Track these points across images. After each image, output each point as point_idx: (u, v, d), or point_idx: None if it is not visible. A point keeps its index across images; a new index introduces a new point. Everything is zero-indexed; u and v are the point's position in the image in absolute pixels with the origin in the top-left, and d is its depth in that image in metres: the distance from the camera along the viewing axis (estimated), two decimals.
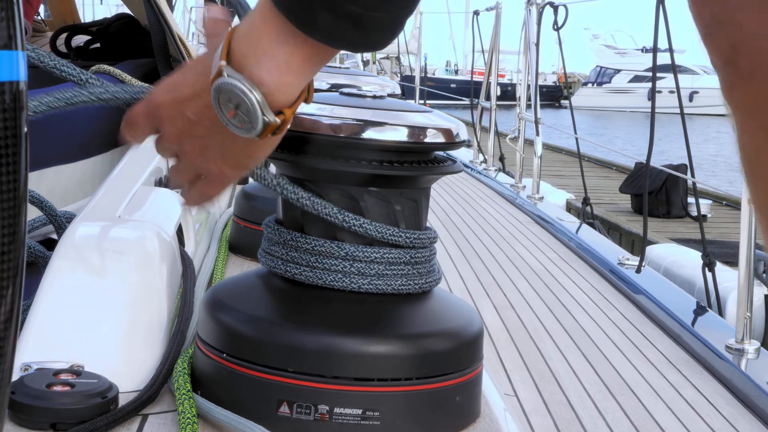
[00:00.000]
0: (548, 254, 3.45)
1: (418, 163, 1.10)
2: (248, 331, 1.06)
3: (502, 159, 6.08)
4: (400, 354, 1.05)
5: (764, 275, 4.85)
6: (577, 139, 4.77)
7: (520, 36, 4.80)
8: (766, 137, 1.10)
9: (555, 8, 4.34)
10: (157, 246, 1.32)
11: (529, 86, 4.93)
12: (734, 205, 10.03)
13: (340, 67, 1.91)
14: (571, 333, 2.50)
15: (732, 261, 4.08)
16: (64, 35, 3.50)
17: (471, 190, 4.74)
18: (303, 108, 1.09)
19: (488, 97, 5.63)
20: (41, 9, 5.37)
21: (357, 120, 1.07)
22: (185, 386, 1.09)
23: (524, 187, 4.79)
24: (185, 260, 1.44)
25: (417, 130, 1.09)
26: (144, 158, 1.85)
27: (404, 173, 1.07)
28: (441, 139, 1.11)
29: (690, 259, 4.49)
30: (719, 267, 3.47)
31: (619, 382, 2.16)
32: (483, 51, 6.00)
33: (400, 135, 1.08)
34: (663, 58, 4.08)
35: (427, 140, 1.09)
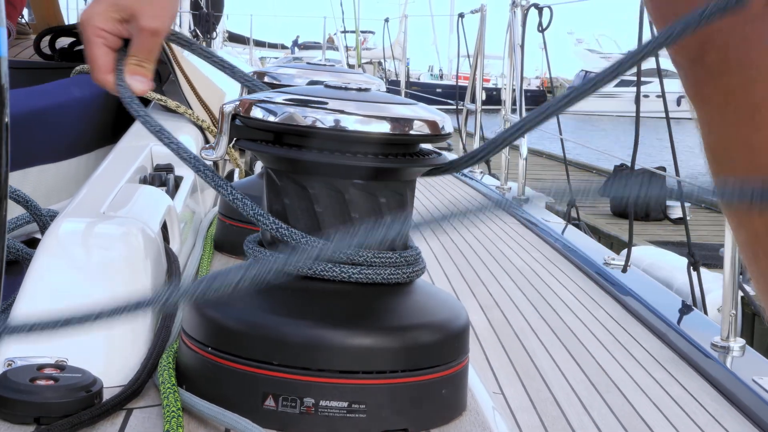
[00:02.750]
0: (533, 254, 3.45)
1: (403, 155, 1.09)
2: (233, 325, 1.06)
3: (487, 162, 6.08)
4: (386, 346, 1.05)
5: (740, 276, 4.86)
6: (562, 140, 4.78)
7: (505, 38, 4.81)
8: (736, 133, 1.08)
9: (540, 10, 4.35)
10: (141, 242, 1.32)
11: (514, 89, 4.94)
12: (713, 208, 10.08)
13: (324, 65, 1.90)
14: (556, 331, 2.50)
15: (711, 263, 4.10)
16: (48, 37, 3.49)
17: (456, 191, 4.74)
18: (287, 101, 1.09)
19: (473, 100, 5.64)
20: (25, 12, 5.35)
21: (341, 112, 1.07)
22: (170, 380, 1.08)
23: (510, 188, 4.80)
24: (170, 257, 1.44)
25: (402, 122, 1.09)
26: (129, 156, 1.85)
27: (389, 165, 1.07)
28: (426, 131, 1.11)
29: (668, 261, 4.50)
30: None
31: (605, 379, 2.16)
32: (468, 55, 6.01)
33: (385, 127, 1.08)
34: (652, 63, 4.10)
35: (411, 132, 1.09)
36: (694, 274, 3.24)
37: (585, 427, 1.88)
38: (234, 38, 23.29)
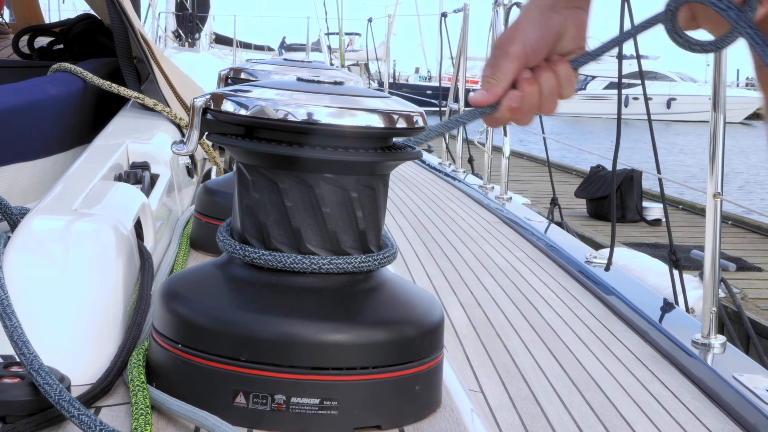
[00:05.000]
0: (516, 253, 3.45)
1: (374, 149, 1.08)
2: (202, 321, 1.05)
3: (471, 161, 6.07)
4: (357, 342, 1.04)
5: (721, 283, 4.87)
6: (545, 139, 4.77)
7: (488, 38, 4.81)
8: None
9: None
10: (113, 239, 1.30)
11: None
12: (690, 209, 10.10)
13: (303, 61, 1.89)
14: (537, 329, 2.49)
15: (686, 265, 4.09)
16: (27, 36, 3.47)
17: (439, 191, 4.73)
18: (258, 94, 1.08)
19: (456, 100, 5.63)
20: (6, 13, 5.32)
21: (312, 105, 1.05)
22: (139, 378, 1.07)
23: (492, 188, 4.79)
24: (143, 254, 1.42)
25: (374, 116, 1.07)
26: (104, 154, 1.83)
27: (359, 159, 1.06)
28: (400, 125, 1.09)
29: (641, 263, 4.50)
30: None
31: (585, 377, 2.15)
32: (451, 56, 6.00)
33: (357, 120, 1.06)
34: (644, 65, 4.09)
35: (384, 126, 1.08)
36: (676, 273, 3.24)
37: (565, 425, 1.87)
38: (221, 40, 23.20)
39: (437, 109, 6.75)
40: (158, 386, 1.08)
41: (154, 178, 1.87)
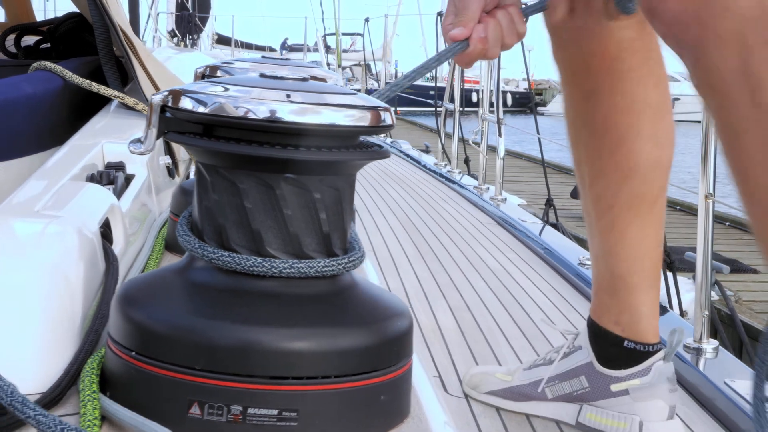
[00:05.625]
0: (508, 255, 3.40)
1: (339, 147, 1.04)
2: (156, 327, 1.00)
3: (467, 162, 6.03)
4: (318, 350, 0.99)
5: (715, 285, 4.83)
6: (539, 139, 4.72)
7: None
8: None
9: None
10: (75, 242, 1.26)
11: (491, 91, 4.89)
12: (688, 210, 10.04)
13: (283, 59, 1.84)
14: (527, 334, 2.44)
15: (681, 267, 4.03)
16: (13, 35, 3.42)
17: (434, 192, 4.68)
18: (218, 90, 1.03)
19: (452, 100, 5.58)
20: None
21: (274, 102, 1.01)
22: (90, 387, 1.02)
23: (488, 188, 4.74)
24: (109, 257, 1.38)
25: (339, 113, 1.03)
26: (77, 154, 1.78)
27: (319, 158, 1.01)
28: (364, 123, 1.05)
29: None
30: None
31: None
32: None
33: (321, 118, 1.02)
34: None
35: (349, 124, 1.03)
36: (670, 275, 3.19)
37: (551, 431, 1.82)
38: (222, 40, 23.19)
39: (433, 109, 6.70)
40: (113, 396, 1.03)
41: (129, 179, 1.83)
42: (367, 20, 9.75)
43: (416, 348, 1.95)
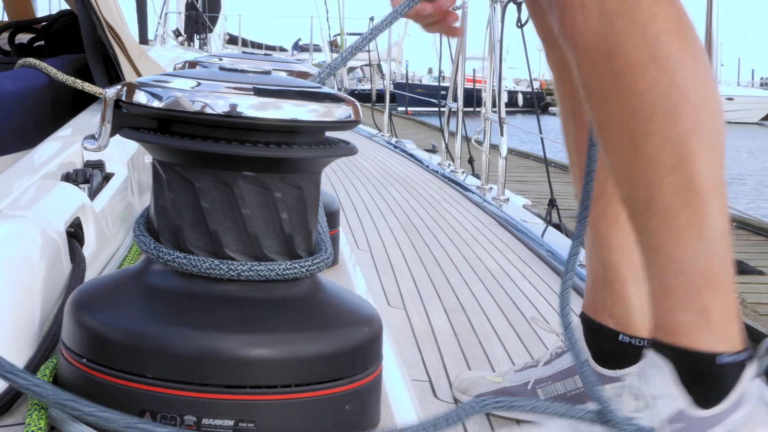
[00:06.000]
0: (508, 256, 3.34)
1: (299, 144, 0.98)
2: (107, 333, 0.95)
3: (471, 161, 5.97)
4: (277, 358, 0.94)
5: None
6: (542, 139, 4.66)
7: (485, 35, 4.70)
8: None
9: (518, 5, 4.24)
10: (37, 242, 1.21)
11: (494, 90, 4.84)
12: None
13: (266, 54, 1.78)
14: (522, 337, 2.38)
15: None
16: (7, 33, 3.38)
17: (436, 192, 4.63)
18: (175, 84, 0.98)
19: (455, 99, 5.52)
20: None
21: (233, 96, 0.96)
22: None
23: (491, 188, 4.68)
24: (77, 259, 1.33)
25: (301, 108, 0.97)
26: (54, 152, 1.74)
27: (279, 155, 0.96)
28: (329, 118, 1.00)
29: None
30: None
31: None
32: (451, 55, 5.90)
33: (282, 113, 0.97)
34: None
35: (312, 119, 0.98)
36: None
37: None
38: (233, 40, 23.16)
39: (436, 109, 6.65)
40: None
41: (108, 177, 1.78)
42: (371, 20, 9.66)
43: (407, 351, 1.91)
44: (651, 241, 1.36)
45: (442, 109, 6.38)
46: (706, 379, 1.34)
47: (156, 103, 0.96)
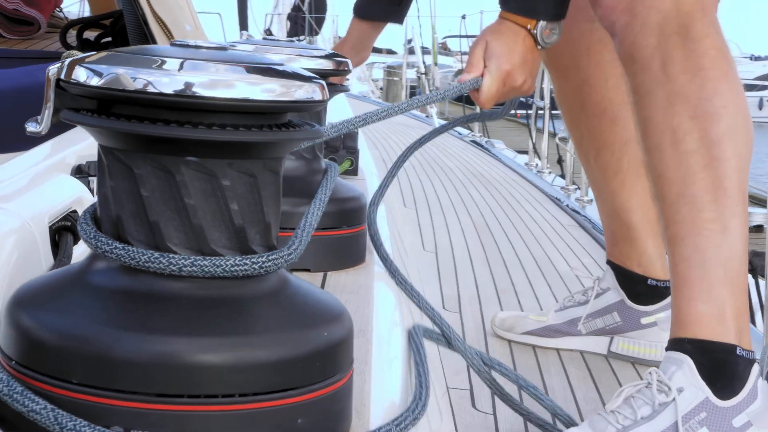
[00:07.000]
0: (583, 258, 3.19)
1: (252, 126, 0.88)
2: (30, 333, 0.86)
3: (560, 162, 5.80)
4: (217, 363, 0.84)
5: None
6: None
7: None
8: None
9: None
10: (8, 236, 1.13)
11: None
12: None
13: (289, 40, 1.68)
14: None
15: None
16: (75, 29, 3.36)
17: (517, 192, 4.48)
18: (118, 61, 0.89)
19: (542, 97, 5.37)
20: (83, 5, 5.27)
21: (181, 74, 0.86)
22: None
23: (575, 189, 4.52)
24: (60, 254, 1.25)
25: (253, 87, 0.87)
26: (66, 143, 1.67)
27: (223, 137, 0.86)
28: (288, 98, 0.89)
29: None
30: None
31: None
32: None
33: (234, 92, 0.87)
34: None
35: (268, 99, 0.88)
36: (753, 282, 2.95)
37: None
38: None
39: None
40: None
41: None
42: (463, 17, 9.50)
43: (453, 358, 1.78)
44: (678, 232, 1.51)
45: (529, 111, 6.23)
46: (727, 368, 1.46)
47: (95, 81, 0.87)
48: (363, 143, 2.85)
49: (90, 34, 3.39)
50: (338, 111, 3.41)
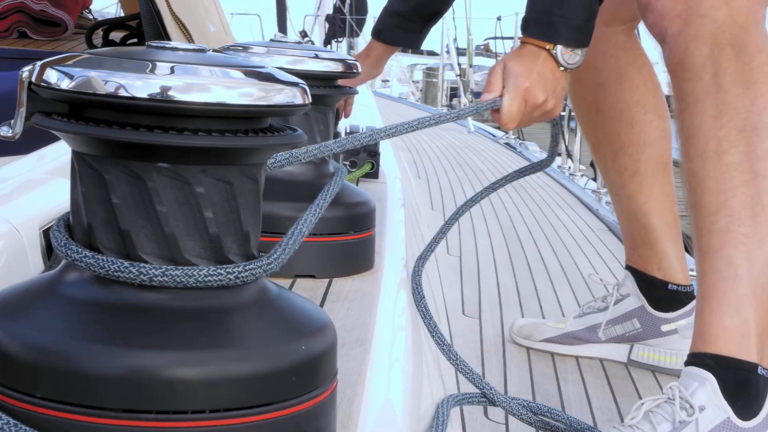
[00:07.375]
0: (610, 264, 3.14)
1: (225, 132, 0.85)
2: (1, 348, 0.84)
3: (593, 164, 5.72)
4: (185, 378, 0.81)
5: None
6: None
7: None
8: None
9: None
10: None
11: None
12: None
13: (297, 42, 1.65)
14: None
15: None
16: (102, 30, 3.36)
17: (548, 195, 4.42)
18: (90, 63, 0.87)
19: None
20: (119, 7, 5.27)
21: (155, 77, 0.83)
22: None
23: (607, 192, 4.45)
24: (53, 260, 1.23)
25: (231, 91, 0.84)
26: (57, 150, 1.64)
27: (195, 143, 0.83)
28: (266, 102, 0.86)
29: None
30: None
31: None
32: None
33: (209, 96, 0.83)
34: None
35: (236, 102, 0.84)
36: None
37: None
38: None
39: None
40: None
41: None
42: (499, 18, 9.43)
43: (470, 365, 1.75)
44: (713, 243, 1.48)
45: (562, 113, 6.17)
46: (749, 387, 1.43)
47: (66, 84, 0.84)
48: (388, 145, 2.82)
49: (117, 36, 3.39)
50: (365, 112, 3.36)
